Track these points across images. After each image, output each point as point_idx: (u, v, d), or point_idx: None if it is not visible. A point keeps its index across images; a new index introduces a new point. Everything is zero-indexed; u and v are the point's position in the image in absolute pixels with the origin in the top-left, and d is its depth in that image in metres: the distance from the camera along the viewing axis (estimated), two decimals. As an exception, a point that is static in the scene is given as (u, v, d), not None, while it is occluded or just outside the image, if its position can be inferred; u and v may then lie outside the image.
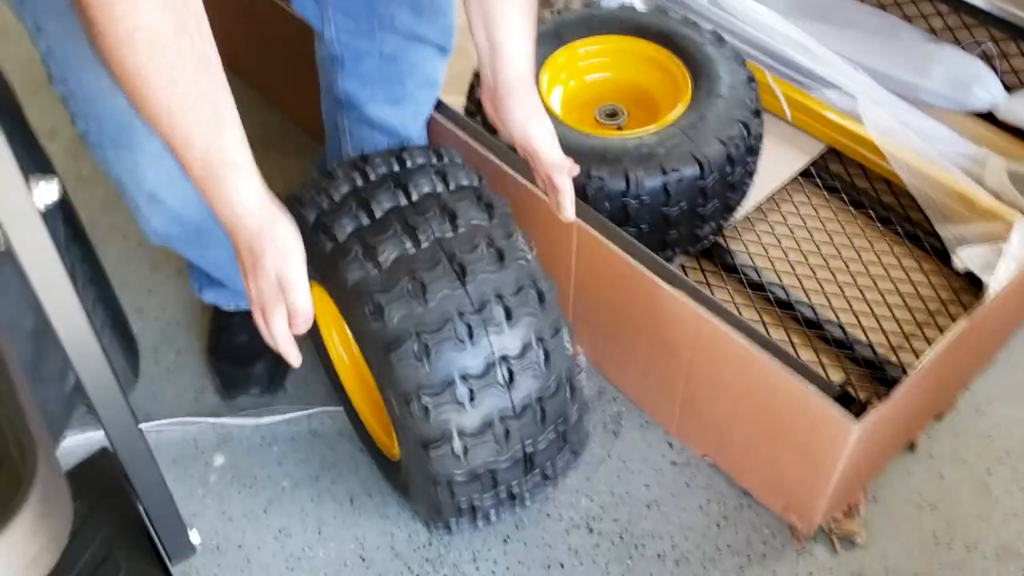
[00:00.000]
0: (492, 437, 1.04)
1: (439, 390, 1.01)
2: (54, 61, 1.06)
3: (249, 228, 0.93)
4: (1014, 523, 1.34)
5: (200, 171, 0.88)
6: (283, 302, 0.97)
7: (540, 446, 1.10)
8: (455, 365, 1.01)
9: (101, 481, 0.98)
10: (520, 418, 1.05)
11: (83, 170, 1.88)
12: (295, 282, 0.95)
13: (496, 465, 1.08)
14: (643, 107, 1.55)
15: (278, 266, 0.95)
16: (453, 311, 1.01)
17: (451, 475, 1.07)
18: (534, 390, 1.05)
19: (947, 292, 1.51)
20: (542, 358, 1.05)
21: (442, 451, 1.03)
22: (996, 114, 1.69)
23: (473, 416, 1.03)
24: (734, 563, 1.31)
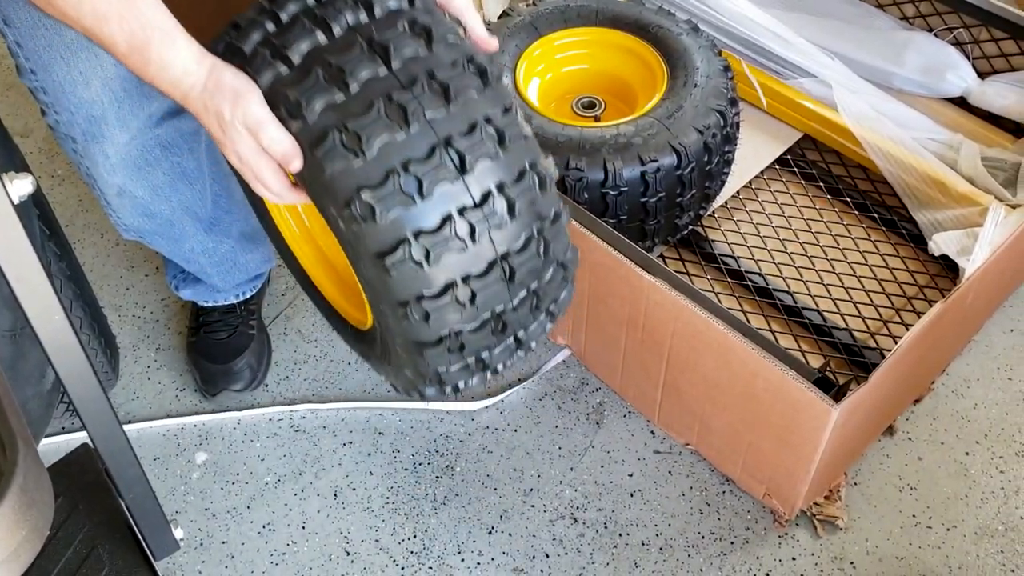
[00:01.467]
0: (454, 236, 0.89)
1: (379, 182, 0.87)
2: (23, 54, 1.05)
3: (195, 88, 0.88)
4: (992, 503, 1.36)
5: (124, 46, 0.84)
6: (263, 153, 0.89)
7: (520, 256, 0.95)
8: (395, 154, 0.87)
9: (83, 478, 0.98)
10: (482, 211, 0.90)
11: (58, 168, 1.86)
12: (262, 121, 0.87)
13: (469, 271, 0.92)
14: (620, 98, 1.56)
15: (237, 113, 0.87)
16: (379, 94, 0.87)
17: (419, 292, 0.91)
18: (494, 178, 0.90)
19: (924, 277, 1.53)
20: (496, 140, 0.91)
21: (398, 259, 0.88)
22: (969, 100, 1.70)
23: (430, 213, 0.87)
24: (717, 549, 1.32)
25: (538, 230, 0.93)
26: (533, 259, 0.94)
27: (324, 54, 0.89)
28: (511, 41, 1.51)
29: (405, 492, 1.40)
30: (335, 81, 0.87)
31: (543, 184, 0.94)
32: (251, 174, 0.91)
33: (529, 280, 0.95)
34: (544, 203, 0.94)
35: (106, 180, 1.17)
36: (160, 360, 1.57)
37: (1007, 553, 1.31)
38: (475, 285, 0.91)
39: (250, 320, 1.53)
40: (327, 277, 1.24)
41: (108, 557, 0.92)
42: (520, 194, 0.91)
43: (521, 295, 0.96)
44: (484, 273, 0.91)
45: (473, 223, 0.89)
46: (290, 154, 0.88)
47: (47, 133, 1.91)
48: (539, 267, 0.95)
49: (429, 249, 0.88)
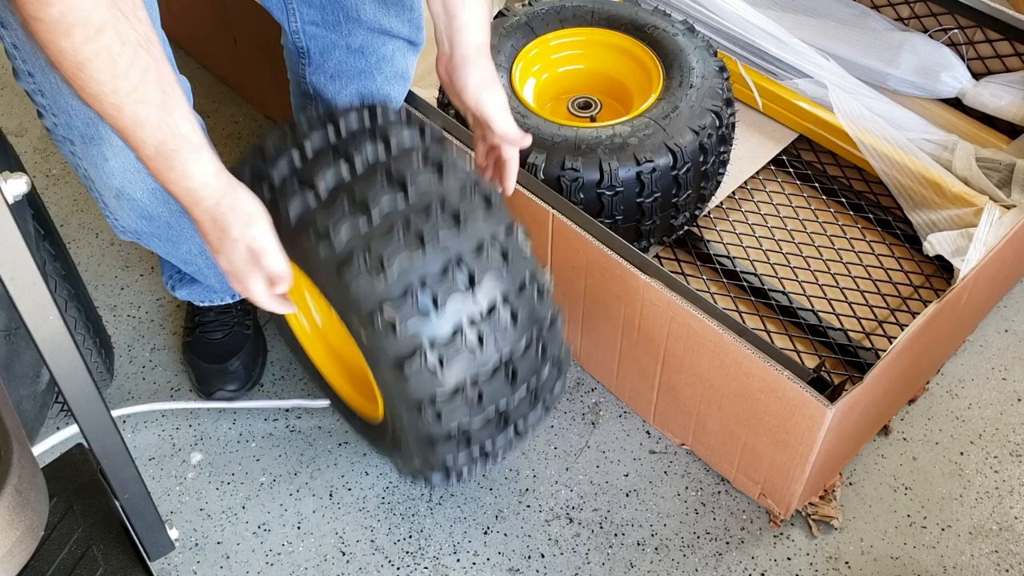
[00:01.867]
0: (464, 344, 1.00)
1: (399, 296, 0.97)
2: (20, 56, 1.05)
3: (208, 201, 0.93)
4: (986, 503, 1.36)
5: (151, 150, 0.88)
6: (258, 270, 0.97)
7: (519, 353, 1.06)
8: (413, 272, 0.97)
9: (78, 478, 0.98)
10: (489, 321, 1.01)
11: (53, 168, 1.86)
12: (266, 247, 0.95)
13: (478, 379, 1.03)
14: (616, 98, 1.56)
15: (245, 235, 0.94)
16: (398, 221, 0.98)
17: (432, 394, 1.02)
18: (499, 291, 1.02)
19: (918, 277, 1.53)
20: (500, 257, 1.02)
21: (415, 366, 0.99)
22: (964, 101, 1.71)
23: (443, 324, 0.99)
24: (712, 549, 1.32)
25: (537, 334, 1.04)
26: (533, 360, 1.05)
27: (349, 186, 1.00)
28: (507, 41, 1.51)
29: (400, 492, 1.40)
30: (360, 210, 0.98)
31: (541, 293, 1.05)
32: (239, 282, 0.99)
33: (528, 378, 1.06)
34: (542, 309, 1.05)
35: (105, 183, 1.17)
36: (155, 360, 1.57)
37: (1001, 553, 1.31)
38: (482, 386, 1.02)
39: (246, 320, 1.53)
40: (338, 373, 1.34)
41: (103, 558, 0.92)
42: (522, 303, 1.03)
43: (521, 392, 1.07)
44: (490, 376, 1.02)
45: (481, 331, 1.00)
46: (282, 278, 0.98)
47: (42, 132, 1.90)
48: (538, 367, 1.06)
49: (443, 356, 0.99)
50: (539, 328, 1.04)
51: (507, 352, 1.03)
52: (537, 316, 1.04)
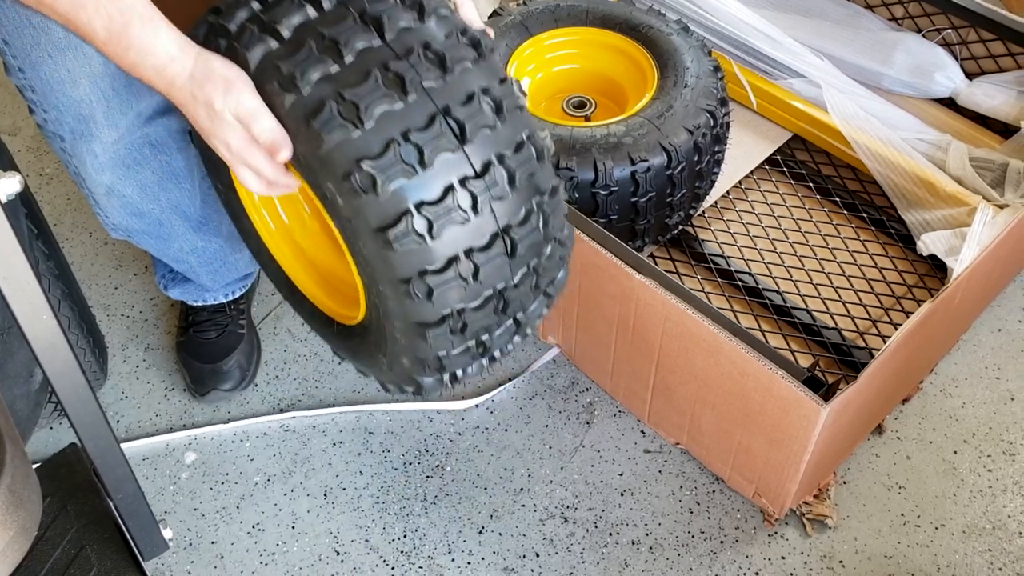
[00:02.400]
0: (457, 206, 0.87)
1: (379, 152, 0.85)
2: (10, 51, 1.05)
3: (180, 76, 0.86)
4: (980, 502, 1.36)
5: (103, 33, 0.83)
6: (254, 143, 0.88)
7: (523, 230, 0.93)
8: (394, 124, 0.85)
9: (72, 478, 0.97)
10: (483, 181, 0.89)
11: (46, 167, 1.85)
12: (254, 110, 0.86)
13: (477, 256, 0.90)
14: (611, 97, 1.56)
15: (228, 103, 0.86)
16: (375, 64, 0.86)
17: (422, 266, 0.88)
18: (493, 149, 0.89)
19: (912, 277, 1.54)
20: (493, 112, 0.90)
21: (401, 233, 0.86)
22: (957, 100, 1.71)
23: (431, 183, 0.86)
24: (707, 548, 1.33)
25: (537, 204, 0.92)
26: (534, 233, 0.92)
27: (316, 26, 0.87)
28: (501, 40, 1.51)
29: (395, 492, 1.40)
30: (329, 52, 0.85)
31: (540, 156, 0.92)
32: (241, 163, 0.90)
33: (530, 256, 0.94)
34: (542, 176, 0.93)
35: (94, 179, 1.17)
36: (149, 360, 1.56)
37: (995, 551, 1.31)
38: (478, 259, 0.89)
39: (239, 319, 1.53)
40: (308, 276, 1.21)
41: (96, 557, 0.92)
42: (520, 165, 0.90)
43: (522, 271, 0.94)
44: (487, 246, 0.89)
45: (475, 194, 0.87)
46: (280, 142, 0.87)
47: (35, 131, 1.90)
48: (539, 242, 0.94)
49: (432, 221, 0.86)
50: (539, 197, 0.92)
51: (505, 221, 0.90)
52: (537, 182, 0.91)
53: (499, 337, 0.99)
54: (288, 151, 0.88)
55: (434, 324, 0.92)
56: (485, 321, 0.94)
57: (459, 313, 0.92)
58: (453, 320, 0.92)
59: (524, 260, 0.93)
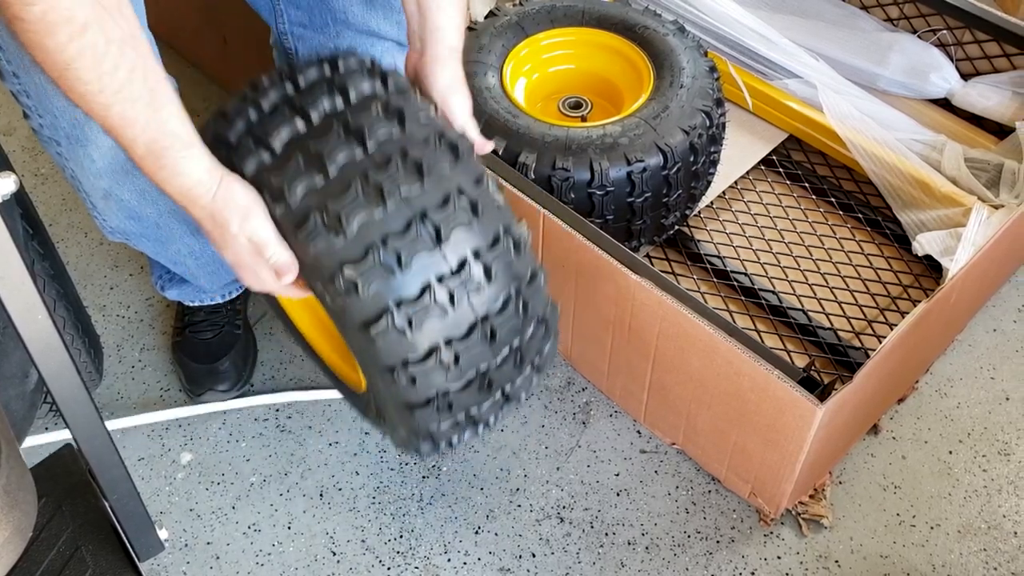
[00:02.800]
0: (434, 303, 0.93)
1: (360, 257, 0.91)
2: (5, 57, 1.05)
3: (204, 198, 0.91)
4: (975, 502, 1.37)
5: (142, 149, 0.87)
6: (262, 260, 0.95)
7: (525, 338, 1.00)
8: (373, 231, 0.91)
9: (67, 478, 0.97)
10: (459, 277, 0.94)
11: (41, 167, 1.85)
12: (267, 240, 0.93)
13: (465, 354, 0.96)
14: (607, 98, 1.56)
15: (244, 229, 0.92)
16: (356, 176, 0.92)
17: (404, 358, 0.95)
18: (470, 246, 0.95)
19: (908, 277, 1.54)
20: (469, 210, 0.95)
21: (382, 329, 0.93)
22: (952, 101, 1.72)
23: (410, 283, 0.92)
24: (703, 548, 1.33)
25: (516, 290, 0.98)
26: (513, 319, 0.98)
27: (304, 140, 0.94)
28: (497, 41, 1.51)
29: (391, 492, 1.40)
30: (315, 166, 0.92)
31: (518, 247, 0.98)
32: (248, 275, 0.97)
33: (510, 338, 1.00)
34: (520, 264, 0.98)
35: (92, 184, 1.17)
36: (145, 360, 1.56)
37: (990, 551, 1.32)
38: (458, 347, 0.95)
39: (236, 320, 1.53)
40: (324, 341, 1.28)
41: (92, 558, 0.92)
42: (496, 258, 0.96)
43: (504, 353, 1.00)
44: (466, 335, 0.96)
45: (452, 289, 0.94)
46: (286, 268, 0.94)
47: (30, 132, 1.89)
48: (519, 326, 1.00)
49: (411, 317, 0.92)
50: (517, 284, 0.98)
51: (483, 311, 0.96)
52: (514, 271, 0.97)
53: (487, 410, 1.05)
54: (292, 276, 0.95)
55: (420, 405, 0.99)
56: (470, 400, 1.01)
57: (443, 395, 0.98)
58: (439, 401, 0.98)
59: (505, 343, 0.99)
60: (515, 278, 0.98)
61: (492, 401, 1.04)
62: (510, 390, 1.06)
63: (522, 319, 1.00)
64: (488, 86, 1.45)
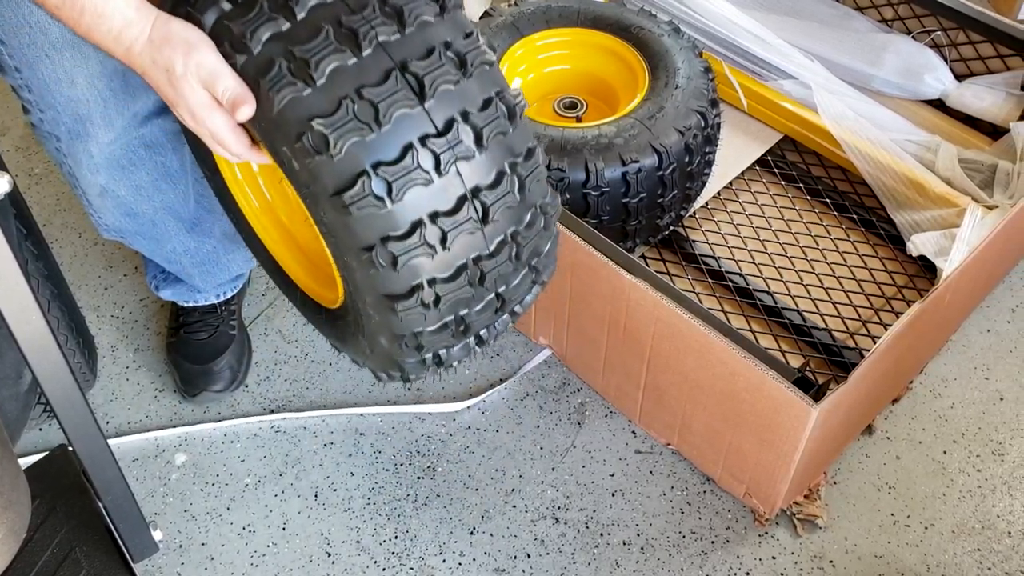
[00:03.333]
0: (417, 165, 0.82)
1: (331, 111, 0.80)
2: (7, 51, 1.04)
3: (139, 40, 0.83)
4: (969, 502, 1.37)
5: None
6: (220, 108, 0.85)
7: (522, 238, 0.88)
8: (347, 80, 0.81)
9: (61, 480, 0.97)
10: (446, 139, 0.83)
11: (35, 167, 1.85)
12: (216, 70, 0.82)
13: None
14: (602, 98, 1.56)
15: (190, 65, 0.83)
16: (327, 20, 0.82)
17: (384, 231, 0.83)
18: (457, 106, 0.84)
19: (902, 278, 1.54)
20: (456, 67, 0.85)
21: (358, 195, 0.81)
22: (946, 102, 1.72)
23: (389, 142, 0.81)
24: (698, 548, 1.33)
25: (510, 165, 0.86)
26: (507, 197, 0.86)
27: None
28: (493, 41, 1.51)
29: (386, 493, 1.39)
30: (281, 11, 0.82)
31: (512, 115, 0.86)
32: (207, 132, 0.87)
33: (506, 223, 0.87)
34: (515, 136, 0.87)
35: (89, 180, 1.16)
36: (139, 361, 1.56)
37: (984, 551, 1.32)
38: (445, 224, 0.83)
39: (230, 320, 1.53)
40: (292, 256, 1.18)
41: (86, 560, 0.92)
42: (487, 123, 0.84)
43: (498, 239, 0.87)
44: (454, 210, 0.83)
45: (437, 152, 0.82)
46: (242, 98, 0.83)
47: (24, 131, 1.89)
48: (515, 207, 0.87)
49: (391, 182, 0.81)
50: (512, 158, 0.86)
51: (473, 183, 0.84)
52: (508, 142, 0.85)
53: (479, 313, 0.92)
54: (250, 108, 0.83)
55: (403, 296, 0.86)
56: (460, 294, 0.88)
57: (429, 284, 0.86)
58: (424, 292, 0.86)
59: (500, 227, 0.87)
60: (509, 151, 0.86)
61: (486, 302, 0.91)
62: (506, 292, 0.92)
63: (518, 201, 0.87)
64: (483, 86, 1.45)
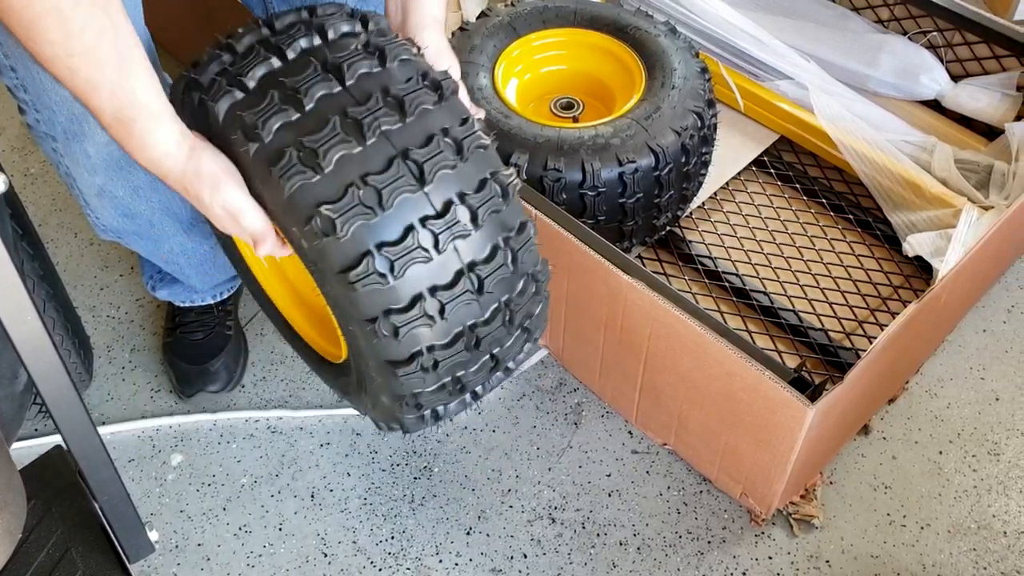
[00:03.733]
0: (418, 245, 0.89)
1: (338, 196, 0.87)
2: (3, 51, 1.04)
3: (174, 171, 0.90)
4: (965, 501, 1.37)
5: (109, 117, 0.85)
6: (240, 227, 0.93)
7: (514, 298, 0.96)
8: (352, 168, 0.87)
9: (57, 480, 0.97)
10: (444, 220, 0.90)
11: (31, 167, 1.84)
12: (241, 209, 0.91)
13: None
14: (598, 98, 1.56)
15: (216, 200, 0.90)
16: (334, 111, 0.89)
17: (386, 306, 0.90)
18: (455, 189, 0.91)
19: (898, 278, 1.54)
20: (454, 152, 0.92)
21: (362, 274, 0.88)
22: (942, 103, 1.72)
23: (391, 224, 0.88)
24: (694, 548, 1.33)
25: (504, 240, 0.93)
26: (501, 269, 0.93)
27: (279, 76, 0.90)
28: (489, 41, 1.51)
29: (383, 493, 1.39)
30: (290, 101, 0.88)
31: (505, 194, 0.93)
32: (235, 234, 0.95)
33: (500, 292, 0.95)
34: (508, 213, 0.94)
35: (86, 180, 1.16)
36: (135, 361, 1.56)
37: (980, 551, 1.32)
38: (443, 296, 0.91)
39: (227, 321, 1.53)
40: (300, 313, 1.24)
41: (82, 560, 0.91)
42: (482, 203, 0.91)
43: (492, 307, 0.95)
44: (451, 284, 0.91)
45: (436, 232, 0.89)
46: (262, 236, 0.92)
47: (20, 131, 1.89)
48: (508, 277, 0.95)
49: (393, 261, 0.88)
50: (506, 233, 0.93)
51: (469, 258, 0.91)
52: (502, 219, 0.92)
53: (475, 374, 0.99)
54: (270, 244, 0.93)
55: (404, 362, 0.93)
56: (458, 359, 0.95)
57: (428, 351, 0.93)
58: (423, 358, 0.93)
59: (494, 297, 0.94)
60: (503, 227, 0.93)
61: (481, 364, 0.99)
62: (500, 353, 1.00)
63: (511, 271, 0.94)
64: (480, 87, 1.45)
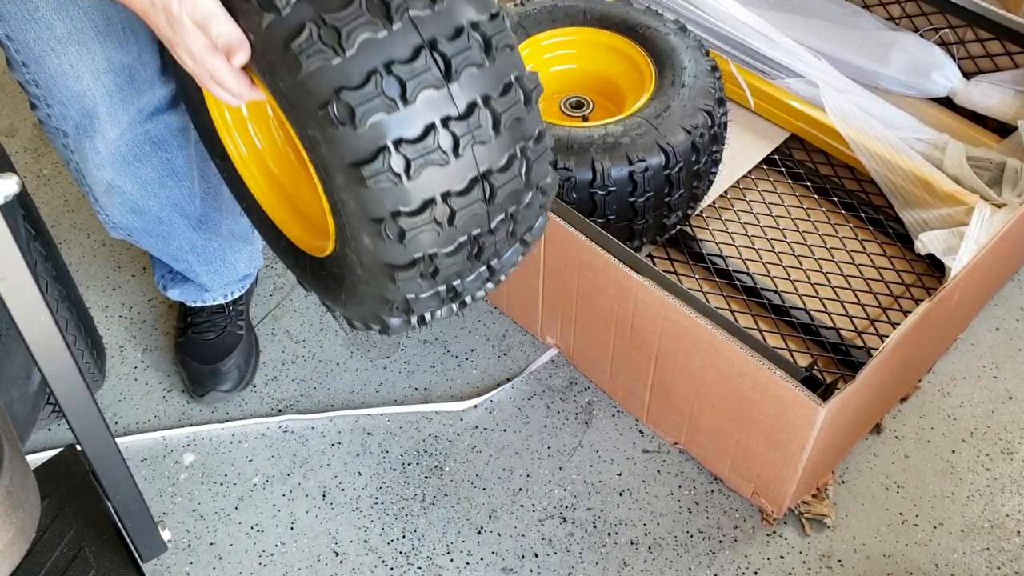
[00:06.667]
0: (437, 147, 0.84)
1: (360, 83, 0.80)
2: (14, 47, 1.05)
3: None
4: (978, 501, 1.36)
5: None
6: (215, 50, 0.85)
7: None
8: (377, 53, 0.80)
9: (70, 480, 0.97)
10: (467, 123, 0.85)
11: (44, 168, 1.85)
12: (211, 12, 0.82)
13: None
14: (608, 97, 1.56)
15: (186, 7, 0.83)
16: None
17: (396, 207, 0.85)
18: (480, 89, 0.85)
19: (910, 276, 1.54)
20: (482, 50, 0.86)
21: (376, 171, 0.82)
22: (955, 100, 1.71)
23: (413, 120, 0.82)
24: (706, 547, 1.33)
25: (521, 150, 0.89)
26: (514, 180, 0.89)
27: None
28: (500, 40, 1.51)
29: (394, 492, 1.40)
30: None
31: (528, 100, 0.88)
32: (205, 74, 0.87)
33: (508, 203, 0.90)
34: (529, 121, 0.89)
35: (95, 176, 1.17)
36: (147, 361, 1.56)
37: (993, 550, 1.31)
38: (455, 203, 0.86)
39: (238, 320, 1.53)
40: (279, 203, 1.17)
41: (95, 559, 0.92)
42: (506, 108, 0.86)
43: (499, 218, 0.91)
44: (465, 191, 0.86)
45: (457, 135, 0.83)
46: (236, 45, 0.83)
47: (33, 132, 1.90)
48: (520, 189, 0.90)
49: (410, 160, 0.82)
50: (524, 143, 0.88)
51: (486, 166, 0.86)
52: (523, 127, 0.88)
53: (470, 283, 0.95)
54: (244, 54, 0.84)
55: (404, 267, 0.89)
56: (457, 267, 0.91)
57: (431, 258, 0.88)
58: (424, 264, 0.88)
59: (502, 207, 0.90)
60: (522, 135, 0.88)
61: (477, 273, 0.95)
62: (496, 263, 0.96)
63: (523, 182, 0.90)
64: (490, 86, 1.45)
